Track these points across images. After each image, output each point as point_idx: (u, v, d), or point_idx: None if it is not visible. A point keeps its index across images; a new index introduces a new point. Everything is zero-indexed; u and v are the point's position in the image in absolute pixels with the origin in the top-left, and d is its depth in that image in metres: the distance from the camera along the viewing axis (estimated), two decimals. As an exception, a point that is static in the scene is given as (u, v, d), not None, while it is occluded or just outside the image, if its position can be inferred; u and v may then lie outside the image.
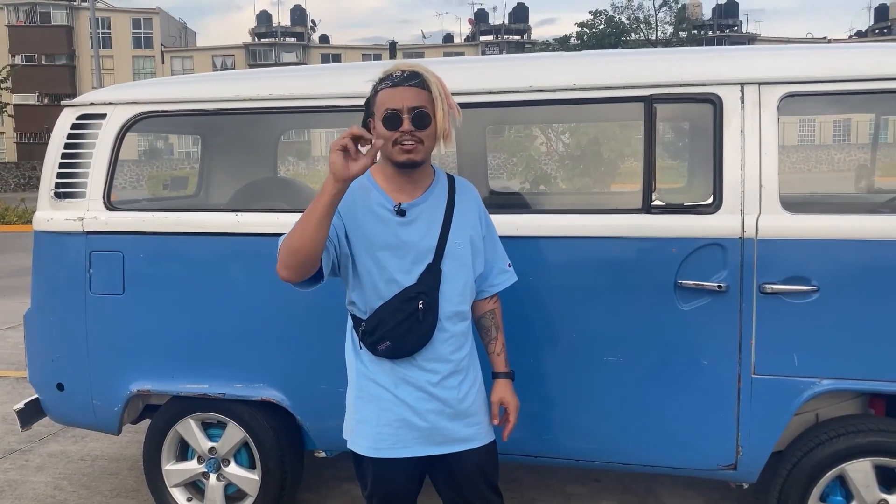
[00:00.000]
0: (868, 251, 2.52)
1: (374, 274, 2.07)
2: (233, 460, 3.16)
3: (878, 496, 2.61)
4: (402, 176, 2.08)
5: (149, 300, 3.06)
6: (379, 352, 2.08)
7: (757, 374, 2.61)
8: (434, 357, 2.11)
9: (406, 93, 1.98)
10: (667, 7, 41.06)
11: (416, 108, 1.98)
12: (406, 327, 2.05)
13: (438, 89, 2.02)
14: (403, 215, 2.07)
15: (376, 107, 2.03)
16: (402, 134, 1.98)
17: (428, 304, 2.06)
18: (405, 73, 2.02)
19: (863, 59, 2.63)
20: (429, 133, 2.01)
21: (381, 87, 2.03)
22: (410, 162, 2.01)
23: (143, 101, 3.12)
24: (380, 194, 2.09)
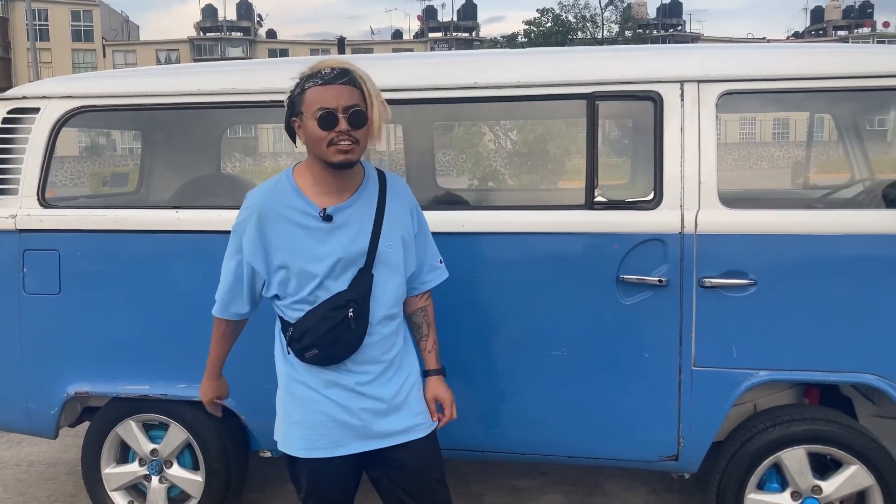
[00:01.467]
0: (803, 246, 2.59)
1: (301, 281, 2.03)
2: (175, 462, 3.10)
3: (812, 482, 2.69)
4: (332, 177, 2.02)
5: (86, 300, 2.97)
6: (306, 359, 2.05)
7: (697, 366, 2.67)
8: (365, 360, 2.08)
9: (339, 91, 1.93)
10: (612, 6, 41.64)
11: (351, 108, 1.93)
12: (335, 335, 2.00)
13: (370, 87, 1.98)
14: (330, 220, 2.01)
15: (305, 106, 1.96)
16: (337, 134, 1.92)
17: (358, 312, 2.01)
18: (335, 71, 1.96)
19: (797, 59, 2.71)
20: (364, 132, 1.97)
21: (309, 86, 1.96)
22: (347, 162, 1.96)
23: (78, 96, 3.03)
24: (303, 201, 2.02)
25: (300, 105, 1.98)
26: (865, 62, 2.65)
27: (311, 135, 1.95)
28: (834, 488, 2.68)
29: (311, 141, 1.97)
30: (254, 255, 2.06)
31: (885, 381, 2.58)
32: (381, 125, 1.99)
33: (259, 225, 2.02)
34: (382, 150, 17.47)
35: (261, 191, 2.06)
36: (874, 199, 3.01)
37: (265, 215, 2.02)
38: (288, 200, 2.02)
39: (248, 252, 2.05)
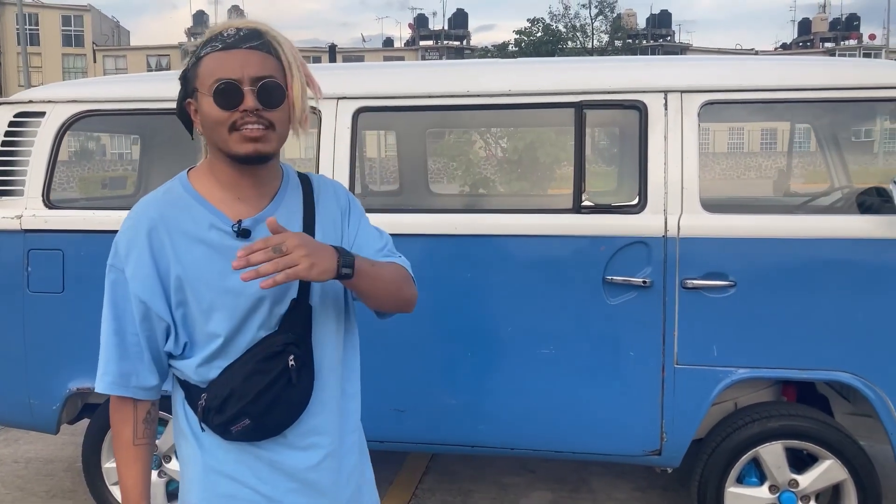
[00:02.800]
0: (780, 248, 2.71)
1: (215, 327, 1.42)
2: (174, 457, 3.18)
3: (789, 476, 2.81)
4: (242, 178, 1.45)
5: (89, 298, 3.06)
6: (232, 434, 1.44)
7: (679, 364, 2.78)
8: (313, 429, 1.50)
9: (246, 57, 1.38)
10: (602, 16, 42.00)
11: (262, 79, 1.38)
12: (272, 396, 1.42)
13: (292, 54, 1.44)
14: (247, 236, 1.43)
15: (201, 79, 1.40)
16: (243, 114, 1.37)
17: (302, 359, 1.44)
18: (242, 31, 1.40)
19: (776, 71, 2.84)
20: (281, 114, 1.41)
21: (206, 52, 1.41)
22: (257, 155, 1.39)
23: (83, 100, 3.13)
24: (207, 211, 1.44)
25: (194, 80, 1.42)
26: (843, 74, 2.78)
27: (207, 116, 1.39)
28: (810, 482, 2.79)
29: (209, 126, 1.40)
30: (147, 289, 1.42)
31: (859, 379, 2.69)
32: (305, 105, 1.46)
33: (150, 244, 1.42)
34: (373, 157, 17.58)
35: (147, 202, 1.47)
36: (850, 206, 3.14)
37: (157, 231, 1.42)
38: (187, 211, 1.44)
39: (137, 286, 1.42)
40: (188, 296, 1.42)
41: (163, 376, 1.51)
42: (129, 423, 1.50)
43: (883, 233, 2.65)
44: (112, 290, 1.47)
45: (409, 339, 2.92)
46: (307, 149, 5.40)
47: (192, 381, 1.46)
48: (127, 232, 1.45)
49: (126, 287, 1.44)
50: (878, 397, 2.68)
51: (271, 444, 1.47)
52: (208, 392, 1.44)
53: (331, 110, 2.96)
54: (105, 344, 1.49)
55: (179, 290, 1.42)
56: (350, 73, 3.11)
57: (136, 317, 1.44)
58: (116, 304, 1.46)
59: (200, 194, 1.46)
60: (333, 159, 2.94)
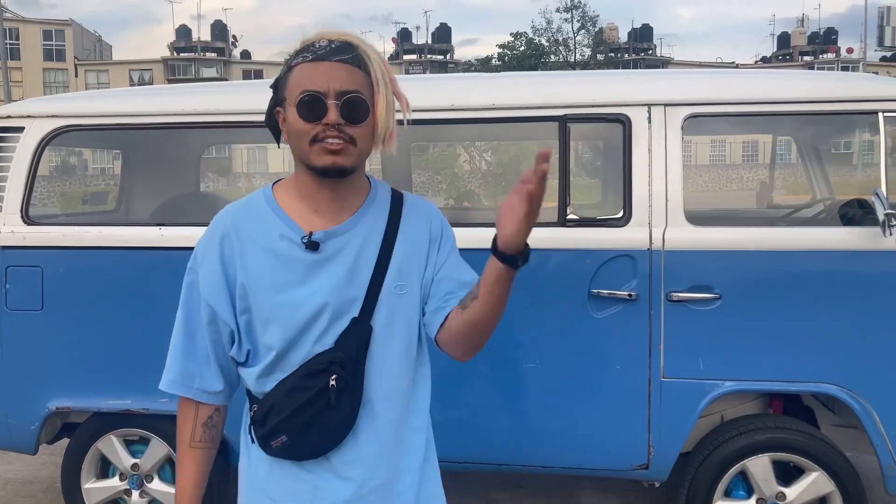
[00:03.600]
0: (765, 261, 2.72)
1: (270, 339, 1.42)
2: (156, 476, 3.13)
3: (776, 489, 2.80)
4: (322, 191, 1.44)
5: (69, 315, 3.01)
6: (272, 449, 1.43)
7: (666, 377, 2.77)
8: (358, 458, 1.44)
9: (334, 70, 1.37)
10: (585, 30, 42.32)
11: (347, 93, 1.36)
12: (310, 416, 1.39)
13: (381, 70, 1.42)
14: (316, 249, 1.42)
15: (289, 88, 1.40)
16: (325, 128, 1.36)
17: (345, 381, 1.40)
18: (333, 44, 1.39)
19: (758, 84, 2.86)
20: (364, 131, 1.40)
21: (297, 62, 1.41)
22: (335, 168, 1.38)
23: (63, 115, 3.09)
24: (281, 222, 1.44)
25: (283, 89, 1.43)
26: (823, 87, 2.80)
27: (291, 127, 1.40)
28: (797, 494, 2.79)
29: (293, 136, 1.41)
30: (214, 294, 1.45)
31: (844, 391, 2.70)
32: (391, 123, 1.44)
33: (222, 251, 1.44)
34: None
35: (227, 210, 1.50)
36: (832, 218, 3.15)
37: (230, 238, 1.45)
38: (262, 221, 1.45)
39: (206, 289, 1.45)
40: (251, 304, 1.43)
41: (230, 383, 1.51)
42: (189, 424, 1.50)
43: (866, 244, 2.66)
44: (186, 293, 1.49)
45: (394, 354, 2.89)
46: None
47: (253, 393, 1.47)
48: (204, 237, 1.48)
49: (199, 290, 1.46)
50: (863, 409, 2.68)
51: (315, 468, 1.44)
52: (258, 405, 1.44)
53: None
54: (174, 343, 1.51)
55: (244, 297, 1.43)
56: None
57: (204, 320, 1.46)
58: (189, 306, 1.49)
59: (279, 205, 1.46)
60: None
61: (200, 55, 63.02)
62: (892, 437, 2.68)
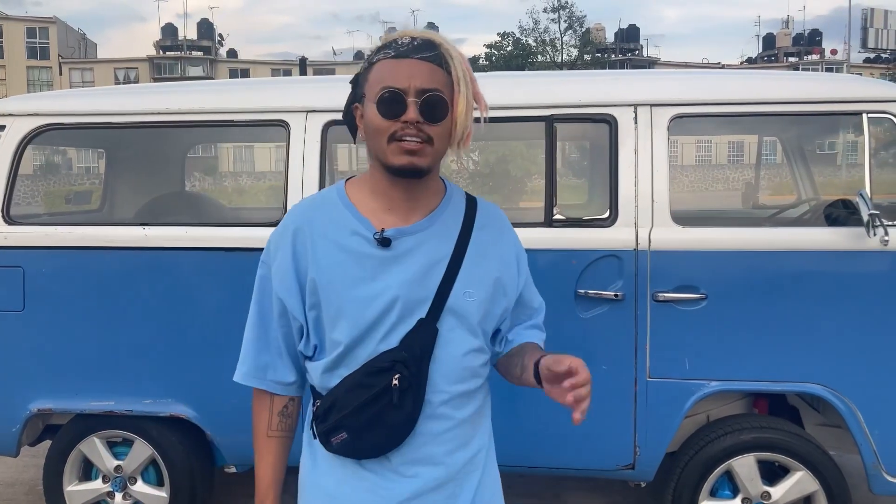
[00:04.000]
0: (751, 261, 2.72)
1: (338, 334, 1.42)
2: (140, 478, 3.11)
3: (762, 488, 2.81)
4: (396, 189, 1.43)
5: (51, 316, 2.98)
6: (333, 446, 1.43)
7: (652, 377, 2.77)
8: (419, 458, 1.44)
9: (415, 67, 1.37)
10: (572, 31, 42.43)
11: (427, 92, 1.36)
12: (371, 414, 1.39)
13: (462, 69, 1.41)
14: (387, 246, 1.41)
15: (369, 84, 1.40)
16: (403, 125, 1.36)
17: (409, 380, 1.39)
18: (416, 41, 1.40)
19: (744, 85, 2.87)
20: (442, 130, 1.39)
21: (378, 58, 1.41)
22: (412, 168, 1.38)
23: (45, 114, 3.06)
24: (354, 218, 1.44)
25: (363, 84, 1.43)
26: (808, 88, 2.82)
27: (369, 123, 1.40)
28: (782, 493, 2.80)
29: (370, 133, 1.41)
30: (285, 287, 1.45)
31: (829, 390, 2.71)
32: (469, 124, 1.44)
33: (294, 245, 1.44)
34: (345, 170, 17.53)
35: (301, 204, 1.50)
36: (817, 219, 3.17)
37: (302, 232, 1.45)
38: (334, 216, 1.45)
39: (277, 283, 1.46)
40: (321, 299, 1.42)
41: (302, 375, 1.53)
42: (265, 414, 1.52)
43: (850, 245, 2.67)
44: (259, 286, 1.51)
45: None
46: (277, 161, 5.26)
47: (317, 388, 1.48)
48: (278, 231, 1.48)
49: (271, 284, 1.48)
50: (847, 408, 2.70)
51: (376, 467, 1.44)
52: (321, 399, 1.45)
53: (300, 123, 2.93)
54: (247, 336, 1.52)
55: (314, 292, 1.43)
56: (320, 86, 3.08)
57: (276, 313, 1.48)
58: (262, 299, 1.50)
59: (352, 202, 1.46)
60: (303, 173, 2.91)
61: (186, 54, 62.66)
62: (875, 437, 2.70)
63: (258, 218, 4.37)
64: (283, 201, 2.91)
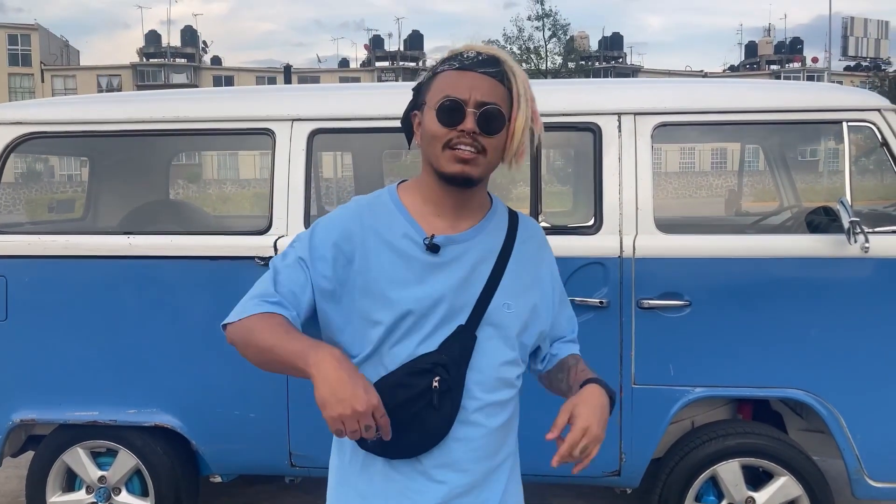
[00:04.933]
0: (734, 268, 2.75)
1: (378, 333, 1.44)
2: (124, 489, 3.08)
3: (746, 493, 2.83)
4: (446, 197, 1.48)
5: (34, 326, 2.96)
6: (368, 444, 1.44)
7: (637, 384, 2.79)
8: (449, 463, 1.46)
9: (477, 81, 1.42)
10: (556, 38, 42.64)
11: (486, 105, 1.41)
12: (410, 414, 1.41)
13: (524, 87, 1.46)
14: (436, 252, 1.45)
15: (431, 93, 1.46)
16: (459, 134, 1.41)
17: (447, 384, 1.41)
18: (481, 56, 1.45)
19: (726, 93, 2.90)
20: (496, 142, 1.44)
21: (442, 69, 1.47)
22: (463, 176, 1.42)
23: (28, 122, 3.04)
24: (406, 221, 1.48)
25: (425, 93, 1.49)
26: (790, 97, 2.85)
27: (427, 130, 1.45)
28: (766, 499, 2.82)
29: (427, 139, 1.45)
30: (319, 263, 1.46)
31: (812, 396, 2.73)
32: (524, 140, 1.47)
33: (343, 231, 1.47)
34: (330, 178, 17.51)
35: (354, 202, 1.54)
36: (799, 226, 3.20)
37: (354, 224, 1.48)
38: (386, 217, 1.49)
39: (312, 257, 1.46)
40: (363, 294, 1.44)
41: None
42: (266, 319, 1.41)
43: (831, 251, 2.70)
44: (285, 261, 1.48)
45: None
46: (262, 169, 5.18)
47: None
48: (325, 221, 1.50)
49: (300, 272, 1.46)
50: (829, 413, 2.72)
51: (406, 469, 1.45)
52: None
53: (286, 132, 2.93)
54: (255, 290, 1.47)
55: (357, 288, 1.44)
56: (305, 95, 3.08)
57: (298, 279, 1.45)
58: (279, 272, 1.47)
59: (404, 205, 1.50)
60: (288, 181, 2.90)
61: (170, 61, 62.43)
62: (858, 442, 2.72)
63: (243, 226, 4.36)
64: (268, 209, 2.90)
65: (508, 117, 1.44)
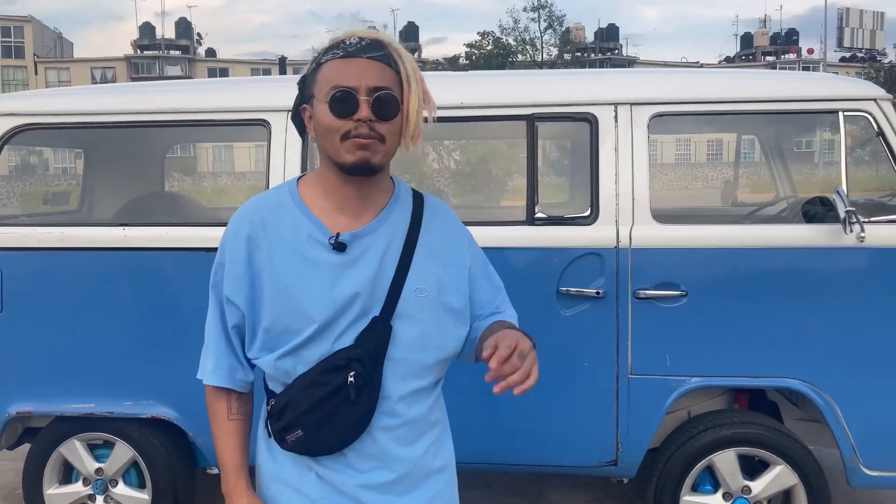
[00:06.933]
0: (730, 258, 2.75)
1: (295, 339, 1.42)
2: (121, 481, 3.08)
3: (742, 483, 2.84)
4: (348, 188, 1.44)
5: (30, 318, 2.95)
6: (288, 444, 1.45)
7: (633, 374, 2.79)
8: (374, 455, 1.46)
9: (365, 66, 1.38)
10: (552, 30, 42.55)
11: (379, 90, 1.37)
12: (327, 411, 1.40)
13: (411, 68, 1.43)
14: (343, 250, 1.42)
15: (318, 85, 1.41)
16: (356, 124, 1.37)
17: (364, 378, 1.40)
18: (364, 41, 1.40)
19: (723, 83, 2.89)
20: (393, 128, 1.40)
21: (327, 59, 1.41)
22: (365, 164, 1.39)
23: (22, 113, 3.02)
24: (309, 221, 1.45)
25: (311, 85, 1.44)
26: (786, 87, 2.85)
27: (320, 123, 1.40)
28: (762, 488, 2.83)
29: (321, 133, 1.41)
30: (234, 286, 1.46)
31: (807, 385, 2.74)
32: (419, 121, 1.45)
33: (248, 244, 1.45)
34: (325, 170, 17.54)
35: (254, 202, 1.51)
36: (795, 216, 3.21)
37: (257, 232, 1.45)
38: (289, 219, 1.46)
39: (227, 283, 1.47)
40: (276, 301, 1.42)
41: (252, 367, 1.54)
42: (224, 403, 1.52)
43: (827, 241, 2.71)
44: (216, 288, 1.50)
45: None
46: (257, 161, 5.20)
47: (269, 386, 1.50)
48: (231, 235, 1.48)
49: (222, 280, 1.48)
50: (825, 403, 2.73)
51: (332, 463, 1.46)
52: (276, 399, 1.46)
53: (281, 123, 2.92)
54: (213, 339, 1.51)
55: (268, 295, 1.43)
56: (300, 86, 3.06)
57: (230, 317, 1.48)
58: (220, 301, 1.49)
59: (304, 203, 1.47)
60: (284, 173, 2.90)
61: (165, 53, 62.17)
62: (853, 431, 2.74)
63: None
64: (264, 201, 2.89)
65: (402, 100, 1.41)
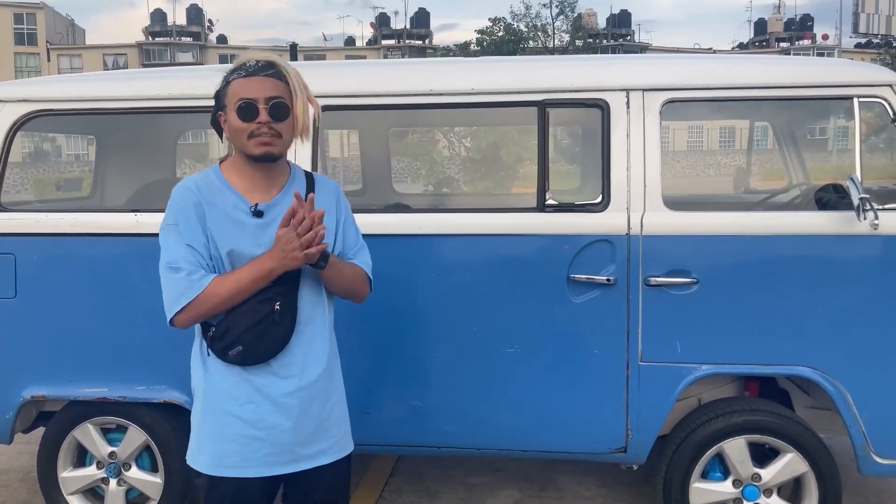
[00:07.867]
0: (742, 245, 2.74)
1: None
2: (134, 464, 3.11)
3: (752, 470, 2.84)
4: (258, 172, 1.99)
5: (44, 303, 2.97)
6: (229, 358, 1.94)
7: (643, 361, 2.79)
8: (292, 363, 1.99)
9: (262, 83, 1.91)
10: (563, 16, 42.24)
11: (273, 99, 1.91)
12: (261, 330, 1.92)
13: (296, 81, 1.97)
14: (261, 216, 1.97)
15: (228, 98, 1.94)
16: (258, 125, 1.90)
17: (285, 306, 1.95)
18: (260, 63, 1.94)
19: (735, 69, 2.87)
20: (286, 126, 1.95)
21: (233, 78, 1.94)
22: (268, 155, 1.93)
23: (35, 100, 3.04)
24: (234, 196, 1.98)
25: (224, 98, 1.96)
26: (800, 73, 2.82)
27: (233, 127, 1.93)
28: (772, 475, 2.83)
29: (234, 133, 1.94)
30: (193, 236, 1.94)
31: (819, 373, 2.73)
32: (306, 119, 1.99)
33: (198, 210, 1.95)
34: (337, 157, 17.50)
35: (191, 180, 2.01)
36: (808, 203, 3.18)
37: (200, 206, 1.96)
38: (219, 193, 1.98)
39: (186, 235, 1.94)
40: (219, 251, 1.95)
41: None
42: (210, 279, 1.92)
43: (840, 229, 2.69)
44: (172, 231, 1.96)
45: (373, 340, 2.89)
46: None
47: (208, 319, 1.96)
48: (178, 201, 1.98)
49: (180, 236, 1.94)
50: (836, 391, 2.72)
51: (259, 372, 1.96)
52: (216, 326, 1.95)
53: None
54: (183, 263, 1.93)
55: (213, 246, 1.96)
56: (311, 72, 3.05)
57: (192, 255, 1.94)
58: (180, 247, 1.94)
59: (228, 182, 2.00)
60: (295, 158, 2.90)
61: (176, 40, 62.20)
62: (864, 419, 2.72)
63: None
64: (275, 187, 2.90)
65: (291, 105, 1.94)
